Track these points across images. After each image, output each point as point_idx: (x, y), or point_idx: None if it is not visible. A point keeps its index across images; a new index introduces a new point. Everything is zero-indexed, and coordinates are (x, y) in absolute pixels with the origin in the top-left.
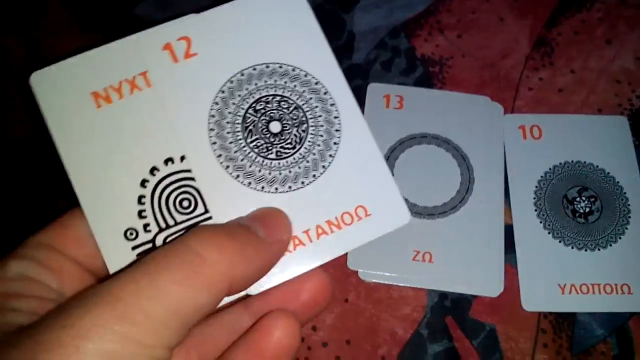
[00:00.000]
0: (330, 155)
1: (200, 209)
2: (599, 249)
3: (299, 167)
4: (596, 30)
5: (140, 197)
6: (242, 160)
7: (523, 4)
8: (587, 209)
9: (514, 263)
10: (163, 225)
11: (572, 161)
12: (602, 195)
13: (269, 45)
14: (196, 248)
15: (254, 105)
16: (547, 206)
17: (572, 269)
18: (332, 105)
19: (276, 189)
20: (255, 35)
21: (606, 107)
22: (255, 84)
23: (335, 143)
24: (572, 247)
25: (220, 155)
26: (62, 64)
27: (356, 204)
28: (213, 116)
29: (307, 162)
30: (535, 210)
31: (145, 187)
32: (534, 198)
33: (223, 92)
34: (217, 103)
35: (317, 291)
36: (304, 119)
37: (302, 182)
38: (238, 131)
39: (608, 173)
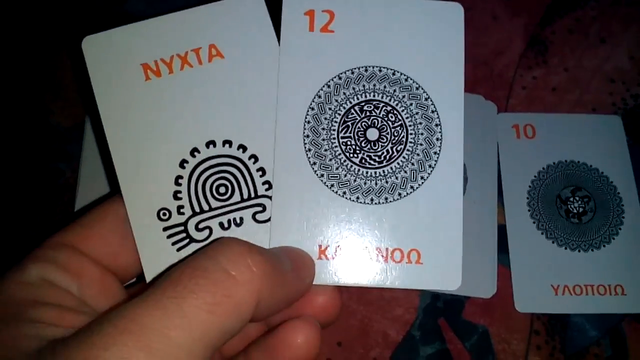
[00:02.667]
0: (412, 187)
1: (236, 197)
2: (592, 250)
3: (376, 184)
4: (590, 29)
5: (178, 178)
6: (325, 150)
7: (517, 2)
8: (581, 209)
9: (506, 264)
10: (197, 209)
11: (566, 161)
12: (595, 196)
13: (405, 51)
14: (226, 266)
15: (362, 103)
16: (540, 206)
17: (565, 270)
18: (437, 139)
19: (344, 193)
20: (395, 37)
21: (600, 106)
22: (374, 85)
23: (422, 177)
24: (566, 248)
25: (307, 137)
26: (115, 31)
27: (413, 245)
28: (319, 97)
29: (386, 182)
30: (529, 210)
31: (184, 168)
32: (528, 198)
33: (340, 78)
34: (328, 86)
35: (328, 305)
36: (403, 139)
37: (371, 200)
38: (335, 121)
39: (602, 173)
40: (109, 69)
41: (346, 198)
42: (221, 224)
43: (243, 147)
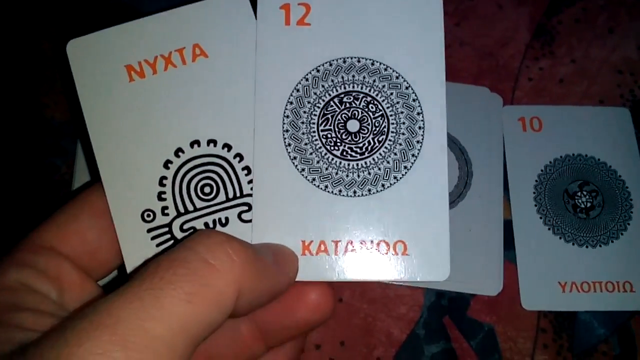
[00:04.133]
0: (395, 178)
1: (221, 196)
2: (600, 246)
3: (358, 176)
4: (598, 19)
5: (162, 179)
6: (305, 144)
7: None
8: (589, 204)
9: (513, 260)
10: (182, 209)
11: (573, 154)
12: (603, 190)
13: (383, 41)
14: (204, 255)
15: (341, 95)
16: (547, 201)
17: (572, 267)
18: (419, 128)
19: (326, 186)
20: (373, 27)
21: (608, 98)
22: (352, 76)
23: (405, 167)
24: (573, 244)
25: (287, 131)
26: (100, 33)
27: (398, 237)
28: (298, 91)
29: (369, 174)
30: (536, 205)
31: (168, 168)
32: (534, 193)
33: (318, 70)
34: (307, 79)
35: (320, 302)
36: (385, 129)
37: (354, 193)
38: (315, 114)
39: (610, 167)
40: (93, 71)
41: (328, 192)
42: (206, 224)
43: (228, 146)
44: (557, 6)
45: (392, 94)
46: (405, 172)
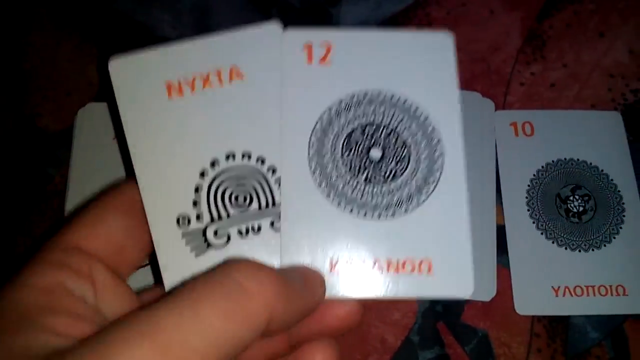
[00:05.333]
0: (417, 201)
1: (254, 205)
2: (592, 250)
3: (382, 200)
4: (589, 23)
5: (197, 187)
6: (330, 170)
7: None
8: (581, 208)
9: (506, 265)
10: (216, 216)
11: (565, 159)
12: (595, 194)
13: (401, 76)
14: (239, 279)
15: (364, 126)
16: (539, 206)
17: (565, 271)
18: (439, 156)
19: (351, 210)
20: (391, 64)
21: (599, 102)
22: (374, 109)
23: (427, 192)
24: (566, 248)
25: (312, 159)
26: (141, 54)
27: (423, 255)
28: (322, 121)
29: (392, 198)
30: (528, 210)
31: (203, 178)
32: (527, 197)
33: (340, 103)
34: (330, 111)
35: (348, 315)
36: (406, 157)
37: (379, 215)
38: (339, 143)
39: (602, 171)
40: (135, 88)
41: (353, 214)
42: (239, 231)
43: (262, 160)
44: (548, 10)
45: (411, 124)
46: (428, 197)
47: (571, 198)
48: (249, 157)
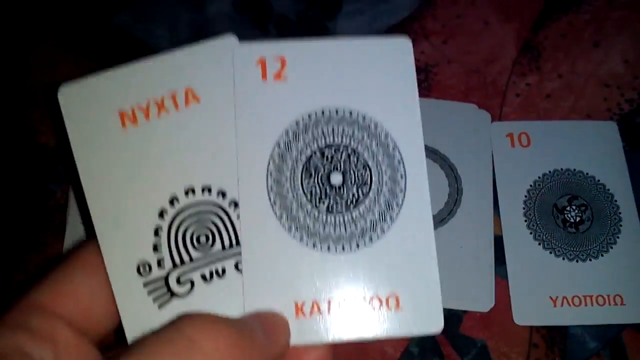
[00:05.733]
0: (382, 229)
1: (217, 246)
2: (590, 260)
3: (345, 230)
4: (584, 33)
5: (157, 229)
6: (290, 202)
7: (508, 7)
8: (578, 218)
9: (504, 275)
10: (178, 261)
11: (562, 169)
12: (592, 204)
13: (359, 90)
14: (191, 334)
15: (323, 148)
16: (537, 216)
17: (563, 281)
18: (401, 177)
19: (314, 244)
20: (347, 77)
21: (595, 112)
22: (332, 128)
23: (390, 217)
24: (564, 258)
25: (271, 189)
26: (91, 79)
27: (390, 290)
28: (279, 147)
29: (356, 227)
30: (525, 220)
31: (163, 218)
32: (524, 208)
33: (297, 124)
34: (287, 134)
35: None
36: (368, 180)
37: (343, 248)
38: (298, 170)
39: (598, 180)
40: (86, 118)
41: (317, 249)
42: (203, 276)
43: (222, 193)
44: (543, 21)
45: (372, 144)
46: (392, 223)
47: (568, 208)
48: (209, 191)
